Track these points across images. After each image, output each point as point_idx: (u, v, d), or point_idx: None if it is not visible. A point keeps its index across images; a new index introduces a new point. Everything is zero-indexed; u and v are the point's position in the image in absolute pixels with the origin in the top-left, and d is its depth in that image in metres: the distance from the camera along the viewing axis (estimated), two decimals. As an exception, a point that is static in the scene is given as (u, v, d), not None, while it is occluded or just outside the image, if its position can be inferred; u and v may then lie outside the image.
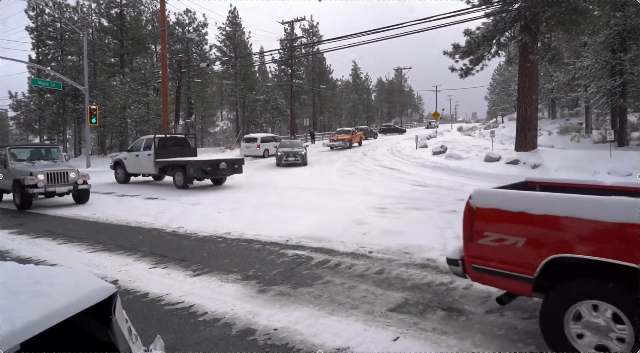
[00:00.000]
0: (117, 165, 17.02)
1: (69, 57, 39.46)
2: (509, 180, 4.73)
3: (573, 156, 15.52)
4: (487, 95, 74.83)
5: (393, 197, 11.16)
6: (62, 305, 1.29)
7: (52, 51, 40.67)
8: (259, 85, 51.79)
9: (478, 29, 17.73)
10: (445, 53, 18.44)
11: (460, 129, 48.38)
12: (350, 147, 31.93)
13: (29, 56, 39.67)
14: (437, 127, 54.07)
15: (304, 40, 51.85)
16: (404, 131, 58.31)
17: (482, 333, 3.62)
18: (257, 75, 57.70)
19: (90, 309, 1.36)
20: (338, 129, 39.20)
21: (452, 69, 18.62)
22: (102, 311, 1.42)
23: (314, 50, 49.53)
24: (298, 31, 50.48)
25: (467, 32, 17.72)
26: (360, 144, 35.18)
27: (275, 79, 57.27)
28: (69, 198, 12.25)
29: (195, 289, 4.87)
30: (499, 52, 18.61)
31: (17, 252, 6.92)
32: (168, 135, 17.08)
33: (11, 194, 11.73)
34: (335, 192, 12.59)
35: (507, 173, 14.48)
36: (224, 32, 47.57)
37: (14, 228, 8.93)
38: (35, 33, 39.51)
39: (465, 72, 18.48)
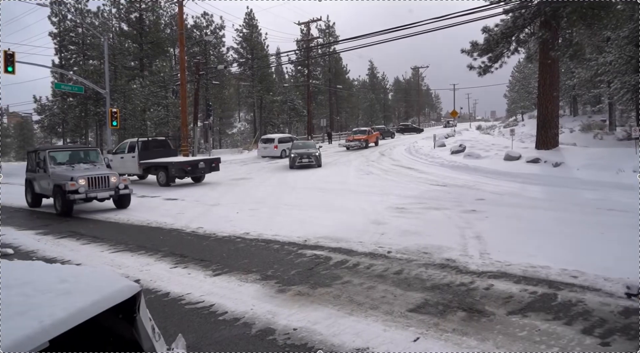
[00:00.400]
0: None
1: (91, 61, 40.24)
2: (530, 179, 4.66)
3: (596, 154, 15.16)
4: (507, 93, 73.71)
5: (411, 197, 11.09)
6: (88, 303, 1.32)
7: (74, 56, 41.56)
8: (276, 86, 52.02)
9: (496, 26, 17.47)
10: (463, 51, 18.21)
11: (479, 128, 47.76)
12: (366, 147, 31.66)
13: (52, 61, 40.63)
14: (456, 125, 53.53)
15: (320, 40, 51.89)
16: (422, 130, 57.87)
17: (503, 334, 3.57)
18: (274, 76, 57.97)
19: (116, 307, 1.39)
20: (354, 129, 38.65)
21: (471, 67, 18.39)
22: (126, 309, 1.45)
23: (330, 50, 49.53)
24: (314, 32, 50.60)
25: (485, 30, 17.47)
26: (376, 143, 34.91)
27: (292, 80, 57.43)
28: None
29: (215, 289, 4.91)
30: (519, 49, 18.29)
31: (42, 252, 7.10)
32: (150, 138, 18.75)
33: (50, 199, 11.47)
34: (353, 192, 12.56)
35: (528, 172, 14.24)
36: (241, 34, 47.94)
37: (39, 229, 9.16)
38: (58, 38, 40.45)
39: (484, 70, 18.22)
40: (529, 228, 7.31)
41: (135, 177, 17.96)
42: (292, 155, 20.68)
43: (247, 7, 51.45)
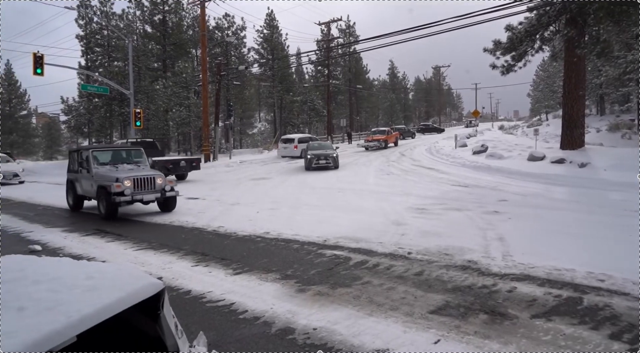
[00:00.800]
0: None
1: (115, 63, 41.12)
2: (555, 180, 4.56)
3: (624, 154, 14.73)
4: (530, 92, 72.29)
5: (432, 198, 10.98)
6: (114, 299, 1.34)
7: (99, 58, 42.51)
8: (296, 87, 52.18)
9: (520, 24, 17.14)
10: (485, 50, 17.93)
11: (501, 128, 46.96)
12: (385, 147, 31.29)
13: (79, 63, 41.67)
14: (477, 125, 52.73)
15: (341, 40, 51.83)
16: (443, 130, 57.24)
17: (527, 338, 3.50)
18: (294, 76, 58.15)
19: (140, 304, 1.42)
20: (373, 129, 38.21)
21: (493, 66, 18.09)
22: (150, 306, 1.48)
23: (351, 50, 49.43)
24: (335, 32, 50.60)
25: (508, 28, 17.17)
26: (396, 144, 34.52)
27: (312, 80, 57.51)
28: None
29: (235, 287, 4.96)
30: (543, 47, 17.91)
31: (68, 249, 7.28)
32: (139, 140, 21.72)
33: (92, 201, 11.02)
34: (373, 192, 12.50)
35: (552, 172, 13.94)
36: (262, 35, 48.26)
37: (65, 226, 9.40)
38: (85, 41, 41.44)
39: (507, 69, 17.90)
40: (553, 230, 7.15)
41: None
42: (309, 156, 20.00)
43: (268, 8, 51.78)
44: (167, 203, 10.64)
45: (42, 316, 1.24)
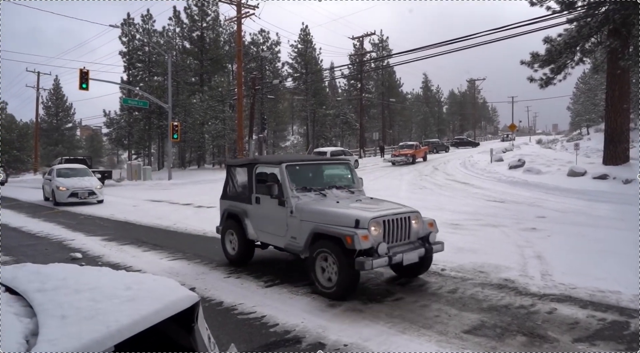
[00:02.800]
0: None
1: (155, 77, 42.71)
2: (597, 196, 4.36)
3: (673, 171, 13.99)
4: (570, 105, 70.05)
5: (466, 213, 10.73)
6: (151, 311, 1.37)
7: (140, 73, 44.29)
8: (329, 100, 52.57)
9: (559, 35, 16.73)
10: (522, 63, 17.56)
11: (539, 142, 45.62)
12: (413, 162, 29.89)
13: (121, 78, 43.52)
14: (514, 139, 51.39)
15: (374, 54, 51.99)
16: (478, 144, 56.11)
17: (568, 363, 3.34)
18: (327, 90, 58.63)
19: (175, 316, 1.44)
20: (400, 143, 36.78)
21: (531, 80, 17.67)
22: (185, 318, 1.50)
23: (384, 64, 49.48)
24: (368, 46, 50.81)
25: (547, 40, 16.78)
26: (424, 159, 33.14)
27: (345, 94, 57.82)
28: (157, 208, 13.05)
29: (266, 300, 4.97)
30: (584, 59, 17.39)
31: (107, 257, 7.51)
32: (71, 157, 27.45)
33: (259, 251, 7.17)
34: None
35: (594, 188, 13.38)
36: (296, 49, 49.03)
37: (104, 235, 9.71)
38: (127, 57, 43.30)
39: (546, 82, 17.45)
40: (596, 249, 6.84)
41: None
42: None
43: (303, 24, 52.60)
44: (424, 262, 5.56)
45: (82, 325, 1.28)
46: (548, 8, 16.49)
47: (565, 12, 16.16)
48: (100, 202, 15.97)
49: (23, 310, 1.52)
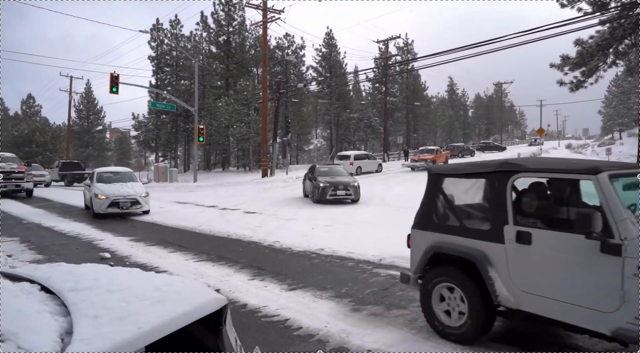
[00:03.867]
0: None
1: (182, 81, 43.52)
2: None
3: None
4: (602, 108, 68.05)
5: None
6: (181, 313, 1.40)
7: (168, 77, 45.23)
8: (353, 104, 52.50)
9: (591, 37, 16.30)
10: (552, 65, 17.17)
11: (569, 146, 44.49)
12: None
13: (150, 82, 44.51)
14: (542, 144, 50.24)
15: (399, 58, 51.69)
16: (504, 149, 55.03)
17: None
18: (351, 93, 58.56)
19: (203, 318, 1.46)
20: (421, 148, 35.68)
21: (561, 83, 17.28)
22: (213, 321, 1.52)
23: (409, 67, 49.13)
24: (392, 49, 50.55)
25: (578, 42, 16.37)
26: (446, 164, 33.05)
27: (369, 97, 57.65)
28: (176, 211, 13.23)
29: (290, 303, 4.98)
30: (617, 61, 16.88)
31: (134, 257, 7.67)
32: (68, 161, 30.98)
33: None
34: (430, 211, 12.20)
35: (627, 196, 12.92)
36: (320, 53, 49.19)
37: (131, 236, 9.92)
38: (156, 61, 44.30)
39: (576, 85, 17.02)
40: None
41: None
42: (321, 184, 14.89)
43: (327, 27, 52.84)
44: None
45: (114, 325, 1.31)
46: (579, 9, 16.10)
47: (597, 14, 15.74)
48: (146, 212, 13.24)
49: (57, 309, 1.56)
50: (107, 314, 1.39)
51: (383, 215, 11.91)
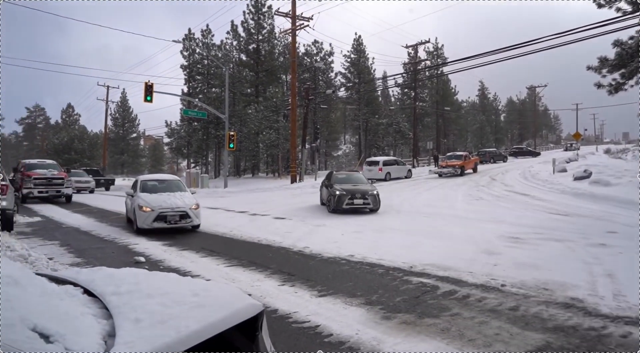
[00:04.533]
0: None
1: (213, 89, 44.43)
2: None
3: None
4: (643, 112, 65.27)
5: (527, 226, 10.24)
6: (219, 318, 1.42)
7: (200, 85, 46.28)
8: (382, 109, 52.31)
9: (631, 38, 15.72)
10: (589, 68, 16.64)
11: (607, 151, 42.81)
12: (461, 174, 27.47)
13: (182, 90, 45.64)
14: (579, 149, 48.58)
15: (428, 62, 51.20)
16: (538, 154, 53.57)
17: (646, 392, 3.08)
18: (380, 99, 58.39)
19: (240, 324, 1.48)
20: (448, 154, 34.00)
21: (599, 86, 16.71)
22: (249, 327, 1.53)
23: (438, 72, 48.58)
24: (422, 54, 50.14)
25: (616, 43, 15.80)
26: (475, 170, 30.38)
27: (398, 103, 57.30)
28: (219, 218, 13.44)
29: (320, 310, 4.98)
30: (659, 63, 16.20)
31: (167, 262, 7.84)
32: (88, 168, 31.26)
33: None
34: (462, 218, 11.98)
35: (672, 203, 12.33)
36: (349, 59, 49.28)
37: (165, 240, 10.14)
38: (188, 70, 45.40)
39: (615, 88, 16.42)
40: (675, 269, 6.28)
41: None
42: (337, 192, 13.90)
43: (356, 34, 52.87)
44: None
45: (155, 329, 1.35)
46: (618, 9, 15.57)
47: (638, 13, 15.18)
48: (196, 227, 11.55)
49: (100, 312, 1.62)
50: (148, 318, 1.43)
51: (412, 222, 11.78)
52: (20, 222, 12.82)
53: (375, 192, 14.09)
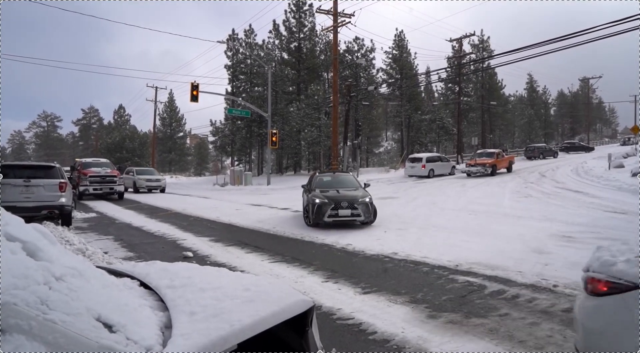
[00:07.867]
0: None
1: (256, 88, 45.15)
2: None
3: None
4: None
5: (580, 225, 9.78)
6: (270, 313, 1.45)
7: (243, 84, 47.15)
8: (425, 105, 51.38)
9: (697, 24, 14.63)
10: (649, 57, 15.60)
11: (670, 146, 40.06)
12: (492, 174, 25.29)
13: (226, 90, 46.65)
14: (637, 143, 45.79)
15: (473, 56, 49.76)
16: (592, 149, 50.92)
17: None
18: (423, 95, 57.34)
19: (290, 319, 1.50)
20: (479, 151, 30.96)
21: (660, 75, 15.63)
22: (299, 322, 1.55)
23: (484, 65, 47.10)
24: (467, 47, 48.80)
25: (680, 30, 14.75)
26: (509, 169, 27.71)
27: (442, 98, 56.06)
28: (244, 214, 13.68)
29: (364, 307, 4.97)
30: None
31: (214, 257, 8.06)
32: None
33: None
34: (509, 215, 11.60)
35: None
36: (391, 55, 48.69)
37: (211, 236, 10.43)
38: (231, 70, 46.36)
39: (679, 78, 15.32)
40: None
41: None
42: (317, 200, 11.04)
43: (397, 29, 52.17)
44: None
45: (209, 322, 1.39)
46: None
47: None
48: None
49: (156, 304, 1.69)
50: (202, 311, 1.48)
51: (459, 220, 11.51)
52: (77, 218, 13.58)
53: (367, 200, 11.05)
